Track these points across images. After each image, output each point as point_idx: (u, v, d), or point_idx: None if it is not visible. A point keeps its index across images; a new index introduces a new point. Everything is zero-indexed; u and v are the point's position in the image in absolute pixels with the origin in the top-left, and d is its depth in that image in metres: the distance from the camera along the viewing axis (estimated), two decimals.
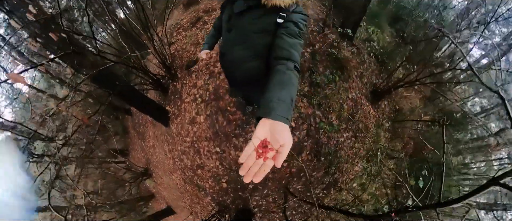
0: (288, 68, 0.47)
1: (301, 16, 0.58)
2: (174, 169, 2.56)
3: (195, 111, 2.11)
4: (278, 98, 0.40)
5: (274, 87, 0.43)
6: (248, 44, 0.64)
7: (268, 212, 2.10)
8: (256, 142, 0.35)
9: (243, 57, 0.67)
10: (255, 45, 0.63)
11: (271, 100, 0.40)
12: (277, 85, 0.43)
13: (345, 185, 1.95)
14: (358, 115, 1.97)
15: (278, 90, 0.42)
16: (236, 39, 0.67)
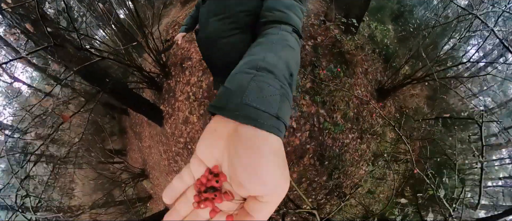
0: (282, 29, 0.28)
1: None
2: (169, 170, 2.49)
3: (188, 110, 2.02)
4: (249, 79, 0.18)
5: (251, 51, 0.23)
6: (226, 14, 0.47)
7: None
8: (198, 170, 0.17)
9: (219, 31, 0.50)
10: (234, 14, 0.46)
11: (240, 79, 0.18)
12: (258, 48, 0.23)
13: (349, 189, 1.79)
14: (364, 114, 1.81)
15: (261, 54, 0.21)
16: (211, 9, 0.51)
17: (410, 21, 2.59)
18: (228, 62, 0.51)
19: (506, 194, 3.61)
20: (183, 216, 0.17)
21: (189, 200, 0.17)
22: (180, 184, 0.18)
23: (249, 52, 0.24)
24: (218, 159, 0.16)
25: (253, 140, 0.15)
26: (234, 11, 0.46)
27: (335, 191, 1.76)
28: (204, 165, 0.17)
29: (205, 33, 0.55)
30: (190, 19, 0.84)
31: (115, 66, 2.54)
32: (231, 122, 0.16)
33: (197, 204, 0.16)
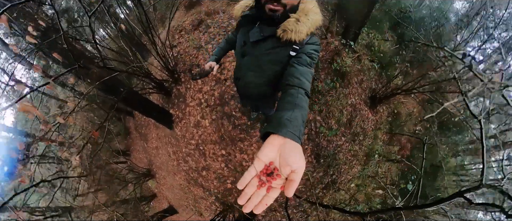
0: (299, 93, 0.47)
1: (314, 46, 0.62)
2: (178, 170, 2.77)
3: (200, 115, 2.30)
4: (290, 116, 0.37)
5: (285, 106, 0.42)
6: (261, 72, 0.74)
7: (270, 210, 2.34)
8: (259, 166, 0.31)
9: (256, 83, 0.79)
10: (268, 74, 0.73)
11: (282, 116, 0.37)
12: (290, 105, 0.42)
13: (343, 185, 2.20)
14: (356, 120, 2.19)
15: (289, 109, 0.40)
16: (250, 66, 0.76)
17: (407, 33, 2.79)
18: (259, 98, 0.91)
19: None
20: (249, 195, 0.31)
21: (253, 185, 0.31)
22: (248, 176, 0.31)
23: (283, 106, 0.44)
24: (272, 158, 0.32)
25: (295, 147, 0.33)
26: (268, 71, 0.74)
27: (330, 186, 2.15)
28: (263, 163, 0.32)
29: (243, 81, 0.86)
30: (221, 51, 0.98)
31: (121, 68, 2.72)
32: (281, 139, 0.33)
33: (259, 186, 0.30)
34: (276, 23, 0.62)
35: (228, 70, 2.27)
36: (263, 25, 0.65)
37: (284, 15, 0.59)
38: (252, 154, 2.14)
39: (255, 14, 0.66)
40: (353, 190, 2.11)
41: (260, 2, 0.60)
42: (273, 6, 0.57)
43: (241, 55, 0.78)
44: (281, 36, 0.61)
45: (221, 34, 2.59)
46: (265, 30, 0.65)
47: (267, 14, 0.59)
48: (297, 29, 0.59)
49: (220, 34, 2.60)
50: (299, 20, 0.59)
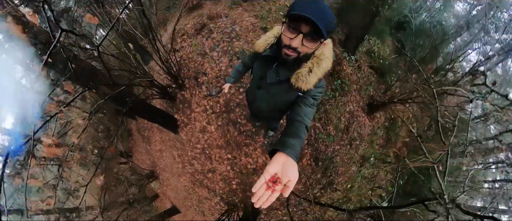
0: (302, 127, 0.64)
1: (320, 89, 0.72)
2: (183, 172, 2.90)
3: (205, 120, 2.42)
4: (293, 142, 0.53)
5: (291, 134, 0.58)
6: (273, 105, 0.86)
7: (272, 209, 2.55)
8: (268, 176, 0.44)
9: (268, 110, 0.94)
10: (279, 106, 0.86)
11: (288, 141, 0.53)
12: (294, 135, 0.58)
13: (340, 186, 2.43)
14: (353, 126, 2.40)
15: (293, 137, 0.56)
16: (264, 98, 0.87)
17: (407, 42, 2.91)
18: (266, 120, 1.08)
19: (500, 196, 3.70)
20: (259, 196, 0.45)
21: (262, 189, 0.45)
22: (259, 183, 0.45)
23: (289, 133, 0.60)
24: (277, 171, 0.47)
25: (293, 164, 0.48)
26: (279, 105, 0.85)
27: (328, 187, 2.38)
28: (270, 174, 0.46)
29: (256, 107, 1.00)
30: (237, 74, 1.07)
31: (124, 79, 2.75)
32: (285, 156, 0.49)
33: (267, 188, 0.45)
34: (289, 65, 0.69)
35: None
36: (279, 68, 0.74)
37: (297, 59, 0.66)
38: (256, 158, 2.31)
39: (273, 54, 0.75)
40: (347, 191, 2.34)
41: (280, 44, 0.66)
42: (288, 52, 0.64)
43: (257, 86, 0.87)
44: (293, 83, 0.70)
45: (225, 40, 2.67)
46: (281, 74, 0.74)
47: (282, 56, 0.66)
48: (308, 80, 0.68)
49: (224, 40, 2.68)
50: (311, 71, 0.68)
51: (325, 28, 0.55)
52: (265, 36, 0.79)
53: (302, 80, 0.68)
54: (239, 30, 2.72)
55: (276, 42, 0.74)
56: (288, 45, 0.62)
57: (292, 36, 0.60)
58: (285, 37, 0.62)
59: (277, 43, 0.71)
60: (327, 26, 0.56)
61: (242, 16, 2.90)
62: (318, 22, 0.53)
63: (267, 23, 2.72)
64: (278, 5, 2.90)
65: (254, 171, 2.33)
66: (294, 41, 0.60)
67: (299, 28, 0.58)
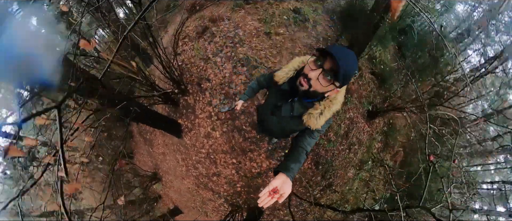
0: (303, 153, 0.79)
1: (326, 125, 0.80)
2: (187, 175, 2.98)
3: (210, 126, 2.48)
4: (292, 167, 0.71)
5: (293, 159, 0.75)
6: (283, 130, 0.98)
7: (275, 209, 2.71)
8: (270, 188, 0.63)
9: (277, 132, 1.06)
10: (287, 133, 1.00)
11: (289, 165, 0.71)
12: (295, 160, 0.75)
13: (339, 188, 2.59)
14: (353, 131, 2.53)
15: (294, 163, 0.73)
16: (275, 124, 0.95)
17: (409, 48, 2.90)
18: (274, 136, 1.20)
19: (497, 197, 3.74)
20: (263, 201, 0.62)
21: (265, 195, 0.63)
22: (265, 191, 0.63)
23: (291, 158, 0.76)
24: (278, 185, 0.64)
25: (289, 182, 0.67)
26: (289, 132, 1.00)
27: (327, 188, 2.54)
28: (273, 186, 0.64)
29: (267, 128, 1.11)
30: (251, 93, 1.12)
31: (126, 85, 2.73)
32: (285, 177, 0.68)
33: (268, 195, 0.64)
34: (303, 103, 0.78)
35: (236, 84, 2.42)
36: (294, 104, 0.80)
37: (306, 93, 0.72)
38: (260, 162, 2.42)
39: (290, 89, 0.81)
40: (346, 193, 2.51)
41: (298, 72, 0.75)
42: (303, 82, 0.70)
43: (270, 112, 0.93)
44: (305, 121, 0.78)
45: (228, 45, 2.68)
46: (295, 110, 0.81)
47: (296, 84, 0.73)
48: (318, 122, 0.77)
49: (227, 45, 2.68)
50: (322, 113, 0.75)
51: (344, 74, 0.62)
52: (287, 68, 0.83)
53: (312, 121, 0.77)
54: (242, 35, 2.72)
55: (295, 75, 0.80)
56: (306, 74, 0.69)
57: (314, 68, 0.66)
58: (307, 67, 0.69)
59: (297, 75, 0.78)
60: (346, 74, 0.62)
61: (245, 20, 2.88)
62: (341, 64, 0.59)
63: (271, 28, 2.73)
64: (281, 8, 2.90)
65: (259, 175, 2.45)
66: (312, 72, 0.67)
67: (322, 64, 0.65)
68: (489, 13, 3.20)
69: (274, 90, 0.89)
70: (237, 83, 2.41)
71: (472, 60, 4.84)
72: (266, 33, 2.71)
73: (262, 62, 2.48)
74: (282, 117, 0.87)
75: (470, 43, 3.72)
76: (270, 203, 0.63)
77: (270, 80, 0.91)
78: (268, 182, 2.49)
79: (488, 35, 3.57)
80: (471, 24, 3.89)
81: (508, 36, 3.89)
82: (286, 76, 0.82)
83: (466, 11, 4.45)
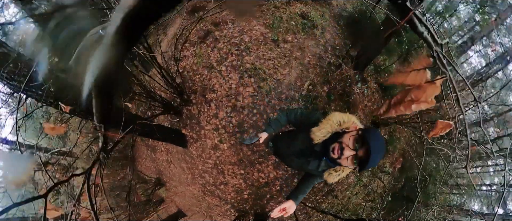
0: (312, 184, 1.02)
1: None
2: (193, 182, 2.99)
3: (217, 139, 2.44)
4: (300, 197, 0.99)
5: (302, 191, 1.00)
6: (300, 170, 1.11)
7: None
8: (283, 207, 0.90)
9: (293, 167, 1.18)
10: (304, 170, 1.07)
11: (298, 196, 0.98)
12: (303, 192, 1.00)
13: (340, 193, 2.74)
14: None
15: (302, 194, 0.99)
16: (296, 164, 1.02)
17: None
18: None
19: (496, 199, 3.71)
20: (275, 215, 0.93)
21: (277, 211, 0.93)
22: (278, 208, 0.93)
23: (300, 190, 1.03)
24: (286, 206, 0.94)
25: (294, 206, 0.97)
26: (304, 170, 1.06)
27: (329, 193, 2.67)
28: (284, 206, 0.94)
29: (285, 162, 1.17)
30: (279, 127, 1.10)
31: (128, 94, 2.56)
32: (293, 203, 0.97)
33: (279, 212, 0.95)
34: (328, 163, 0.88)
35: (243, 97, 2.35)
36: (322, 161, 0.89)
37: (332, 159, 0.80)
38: (268, 173, 2.46)
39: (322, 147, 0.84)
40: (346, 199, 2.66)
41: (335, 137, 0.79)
42: (335, 151, 0.76)
43: (295, 155, 0.99)
44: (325, 177, 0.91)
45: (234, 53, 2.54)
46: (321, 167, 0.91)
47: (329, 152, 0.78)
48: (335, 179, 0.90)
49: (232, 53, 2.54)
50: (339, 175, 0.88)
51: (369, 168, 0.75)
52: (325, 129, 0.83)
53: (330, 179, 0.90)
54: (248, 42, 2.58)
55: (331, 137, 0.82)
56: (342, 146, 0.74)
57: (351, 146, 0.72)
58: (346, 139, 0.74)
59: (333, 136, 0.81)
60: (370, 167, 0.74)
61: (250, 24, 2.71)
62: (372, 160, 0.68)
63: (278, 34, 2.60)
64: (288, 12, 2.75)
65: (266, 184, 2.51)
66: (348, 151, 0.73)
67: (358, 148, 0.71)
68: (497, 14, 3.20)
69: (306, 141, 0.89)
70: (244, 95, 2.34)
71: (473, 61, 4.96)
72: (273, 40, 2.58)
73: (270, 73, 2.39)
74: (306, 167, 0.95)
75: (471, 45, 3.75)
76: (279, 215, 0.90)
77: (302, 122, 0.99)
78: (274, 190, 2.57)
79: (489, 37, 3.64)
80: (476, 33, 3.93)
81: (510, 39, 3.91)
82: (324, 138, 0.82)
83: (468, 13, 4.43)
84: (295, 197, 0.97)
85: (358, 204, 2.74)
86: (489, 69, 3.48)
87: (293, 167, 1.23)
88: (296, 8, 2.79)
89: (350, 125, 0.80)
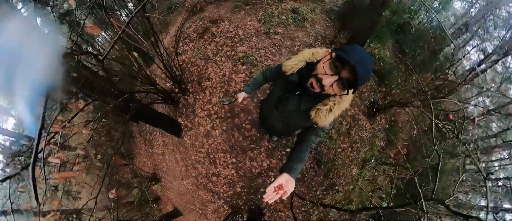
0: (307, 151, 0.76)
1: (332, 124, 0.75)
2: (187, 175, 2.89)
3: (210, 125, 2.42)
4: (297, 167, 0.70)
5: (297, 160, 0.72)
6: (287, 126, 0.90)
7: (276, 211, 2.58)
8: (276, 184, 0.64)
9: (280, 130, 0.97)
10: (292, 129, 0.92)
11: (292, 166, 0.70)
12: (299, 160, 0.73)
13: (342, 188, 2.47)
14: (355, 129, 2.44)
15: (298, 162, 0.71)
16: (279, 117, 0.88)
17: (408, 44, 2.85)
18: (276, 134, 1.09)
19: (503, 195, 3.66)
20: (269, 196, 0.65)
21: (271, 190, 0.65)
22: (272, 186, 0.65)
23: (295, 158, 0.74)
24: (282, 182, 0.66)
25: (292, 181, 0.68)
26: (292, 128, 0.91)
27: (330, 188, 2.42)
28: (278, 183, 0.65)
29: (269, 124, 1.02)
30: (256, 85, 1.04)
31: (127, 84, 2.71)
32: (289, 177, 0.68)
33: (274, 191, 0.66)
34: (312, 96, 0.70)
35: (236, 82, 2.38)
36: (302, 97, 0.73)
37: (318, 94, 0.66)
38: (260, 161, 2.32)
39: (298, 81, 0.73)
40: (349, 192, 2.40)
41: (309, 70, 0.65)
42: (314, 85, 0.63)
43: (274, 105, 0.86)
44: (312, 117, 0.70)
45: (228, 45, 2.66)
46: (302, 104, 0.74)
47: (306, 85, 0.65)
48: (327, 118, 0.69)
49: (227, 45, 2.66)
50: (331, 110, 0.68)
51: (361, 83, 0.56)
52: (296, 58, 0.76)
53: (321, 118, 0.70)
54: (242, 35, 2.70)
55: (305, 67, 0.73)
56: (319, 78, 0.61)
57: (329, 73, 0.59)
58: (321, 68, 0.61)
59: (307, 68, 0.70)
60: (363, 82, 0.57)
61: (244, 20, 2.88)
62: (360, 75, 0.53)
63: (270, 28, 2.72)
64: (280, 9, 2.90)
65: (259, 175, 2.35)
66: (327, 79, 0.59)
67: (339, 71, 0.57)
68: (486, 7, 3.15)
69: (280, 82, 0.81)
70: (237, 81, 2.36)
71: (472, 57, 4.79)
72: (265, 33, 2.69)
73: (261, 60, 2.44)
74: (287, 111, 0.79)
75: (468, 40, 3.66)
76: (275, 198, 0.64)
77: (277, 72, 0.84)
78: (268, 182, 2.39)
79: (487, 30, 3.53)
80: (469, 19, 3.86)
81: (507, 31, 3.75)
82: (296, 66, 0.74)
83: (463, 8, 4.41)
84: (290, 168, 0.69)
85: (362, 195, 2.44)
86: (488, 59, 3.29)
87: (277, 129, 0.99)
88: (287, 4, 2.95)
89: (322, 54, 0.69)
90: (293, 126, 0.88)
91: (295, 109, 0.76)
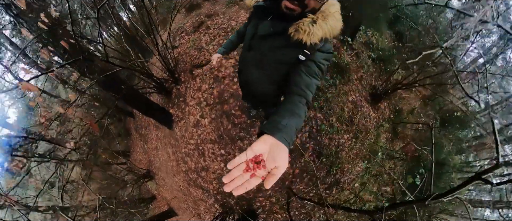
0: (301, 102, 0.50)
1: (326, 55, 0.56)
2: (178, 171, 2.71)
3: (199, 114, 2.27)
4: (286, 123, 0.41)
5: (285, 113, 0.45)
6: (265, 70, 0.67)
7: (272, 212, 2.25)
8: (250, 155, 0.35)
9: (259, 81, 0.71)
10: (272, 72, 0.65)
11: (279, 122, 0.41)
12: (288, 112, 0.45)
13: (347, 185, 2.11)
14: (358, 117, 2.14)
15: (288, 116, 0.44)
16: (254, 61, 0.68)
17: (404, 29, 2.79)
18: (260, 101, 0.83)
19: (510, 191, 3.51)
20: (234, 177, 0.34)
21: (239, 169, 0.35)
22: (239, 159, 0.36)
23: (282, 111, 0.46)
24: (263, 151, 0.37)
25: (284, 149, 0.38)
26: (272, 71, 0.66)
27: (334, 186, 2.07)
28: (254, 153, 0.36)
29: (245, 76, 0.79)
30: (230, 44, 0.92)
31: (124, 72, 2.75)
32: (274, 140, 0.37)
33: (245, 170, 0.34)
34: (289, 20, 0.54)
35: (225, 67, 2.26)
36: (275, 20, 0.57)
37: (301, 15, 0.52)
38: None
39: (269, 5, 0.58)
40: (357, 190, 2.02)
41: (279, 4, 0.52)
42: (290, 5, 0.50)
43: (247, 48, 0.70)
44: (292, 35, 0.53)
45: (221, 35, 2.61)
46: (276, 25, 0.57)
47: (282, 9, 0.52)
48: (311, 31, 0.51)
49: (220, 35, 2.62)
50: (315, 22, 0.52)
51: None
52: None
53: (303, 31, 0.51)
54: (235, 25, 2.66)
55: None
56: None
57: None
58: None
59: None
60: None
61: (238, 13, 2.87)
62: None
63: None
64: None
65: None
66: None
67: None
68: None
69: (251, 23, 0.68)
70: (226, 66, 2.25)
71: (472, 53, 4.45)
72: None
73: None
74: (260, 45, 0.62)
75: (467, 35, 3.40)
76: (246, 186, 0.33)
77: (249, 20, 0.72)
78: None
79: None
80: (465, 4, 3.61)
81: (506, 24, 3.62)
82: None
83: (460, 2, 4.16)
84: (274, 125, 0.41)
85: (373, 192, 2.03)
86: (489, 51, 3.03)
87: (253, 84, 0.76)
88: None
89: None
90: (273, 66, 0.64)
91: (269, 34, 0.59)
